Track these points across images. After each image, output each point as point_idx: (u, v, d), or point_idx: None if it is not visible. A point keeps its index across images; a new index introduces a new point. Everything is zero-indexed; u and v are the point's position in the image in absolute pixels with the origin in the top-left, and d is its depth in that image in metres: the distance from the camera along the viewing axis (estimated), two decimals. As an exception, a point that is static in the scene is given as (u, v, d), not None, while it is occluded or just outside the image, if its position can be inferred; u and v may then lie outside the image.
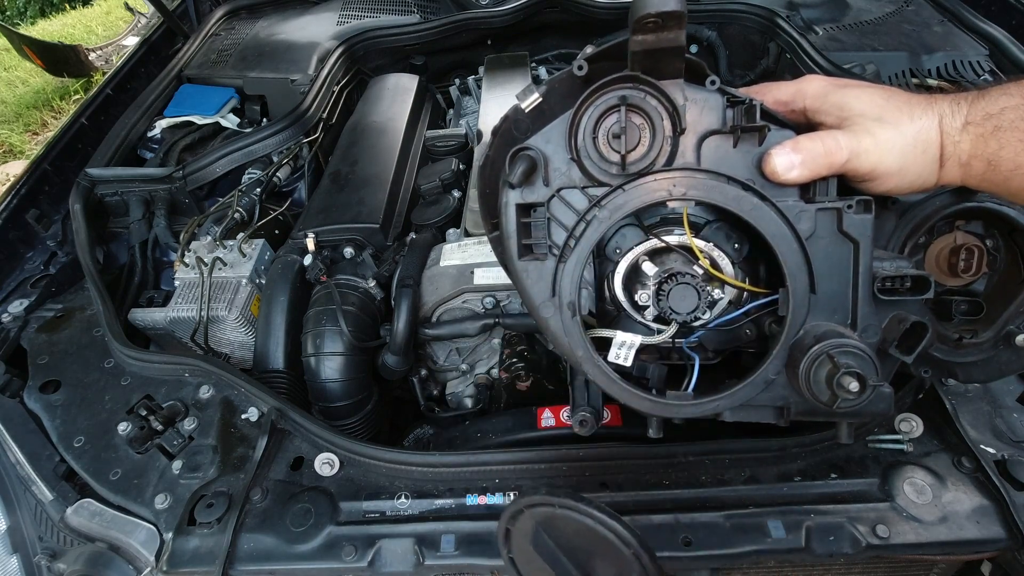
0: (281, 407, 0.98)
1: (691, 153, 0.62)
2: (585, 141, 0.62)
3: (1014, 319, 0.74)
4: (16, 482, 0.95)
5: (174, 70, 1.83)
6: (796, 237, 0.62)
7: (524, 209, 0.65)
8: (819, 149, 0.61)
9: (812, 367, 0.60)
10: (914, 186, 0.63)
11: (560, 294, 0.65)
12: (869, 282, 0.64)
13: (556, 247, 0.65)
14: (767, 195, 0.62)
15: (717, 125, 0.62)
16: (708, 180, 0.62)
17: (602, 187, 0.63)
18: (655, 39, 0.55)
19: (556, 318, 0.66)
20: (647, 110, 0.60)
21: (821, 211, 0.62)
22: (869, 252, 0.63)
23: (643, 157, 0.61)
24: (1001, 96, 0.59)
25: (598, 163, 0.62)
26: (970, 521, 0.80)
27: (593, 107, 0.60)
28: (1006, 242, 0.76)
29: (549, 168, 0.64)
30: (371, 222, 1.32)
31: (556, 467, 0.90)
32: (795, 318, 0.63)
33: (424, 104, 1.92)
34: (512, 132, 0.68)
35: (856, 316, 0.64)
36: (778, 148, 0.61)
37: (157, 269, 1.46)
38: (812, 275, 0.63)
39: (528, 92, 0.65)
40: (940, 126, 0.61)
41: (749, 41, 1.94)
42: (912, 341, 0.63)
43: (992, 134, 0.59)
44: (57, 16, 7.10)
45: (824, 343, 0.60)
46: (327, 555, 0.83)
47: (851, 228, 0.62)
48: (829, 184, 0.62)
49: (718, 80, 0.61)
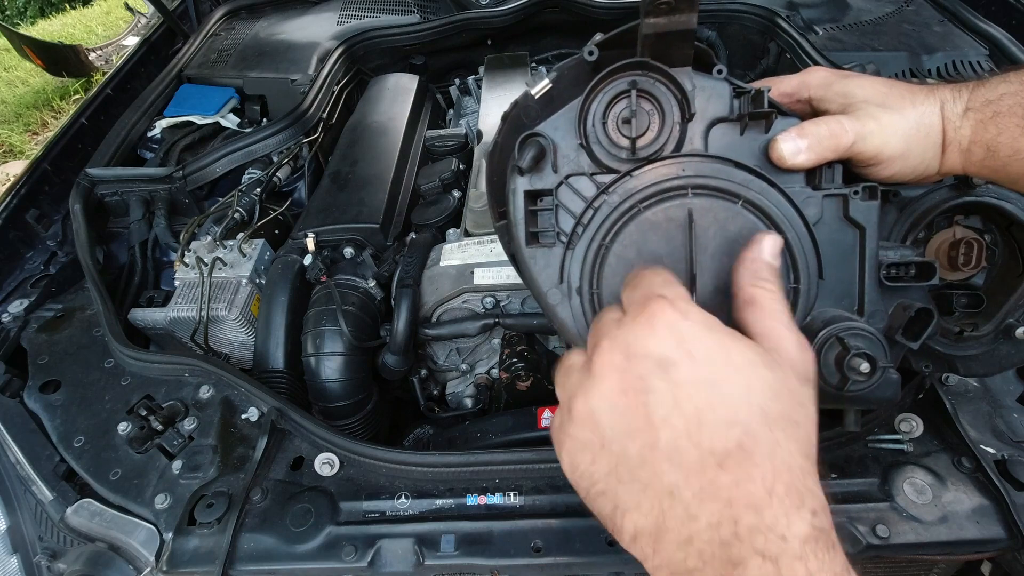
0: (281, 407, 0.98)
1: (699, 140, 0.63)
2: (595, 126, 0.62)
3: (1014, 312, 0.75)
4: (16, 482, 0.94)
5: (174, 70, 1.83)
6: (804, 222, 0.63)
7: (532, 197, 0.65)
8: (824, 132, 0.61)
9: (822, 350, 0.60)
10: (917, 171, 0.64)
11: (568, 281, 0.65)
12: (875, 268, 0.64)
13: (564, 234, 0.65)
14: (774, 181, 0.62)
15: (724, 113, 0.62)
16: (717, 164, 0.62)
17: (610, 174, 0.64)
18: (667, 22, 0.55)
19: (564, 305, 0.66)
20: (657, 96, 0.60)
21: (827, 197, 0.63)
22: (875, 238, 0.63)
23: (652, 143, 0.62)
24: (1000, 83, 0.60)
25: (608, 148, 0.62)
26: (970, 521, 0.80)
27: (603, 93, 0.61)
28: (1004, 236, 0.76)
29: (558, 155, 0.64)
30: (371, 222, 1.32)
31: (556, 467, 0.90)
32: (804, 303, 0.63)
33: (424, 104, 1.92)
34: (521, 118, 0.68)
35: (863, 302, 0.64)
36: (783, 134, 0.61)
37: (157, 269, 1.46)
38: (820, 260, 0.63)
39: (538, 78, 0.65)
40: (942, 112, 0.61)
41: (749, 41, 1.94)
42: (918, 328, 0.63)
43: (991, 120, 0.59)
44: (57, 16, 7.11)
45: (833, 326, 0.60)
46: (327, 555, 0.83)
47: (857, 214, 0.63)
48: (835, 170, 0.63)
49: (724, 69, 0.61)
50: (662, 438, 0.45)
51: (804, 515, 0.41)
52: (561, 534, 0.83)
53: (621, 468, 0.46)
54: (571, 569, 0.83)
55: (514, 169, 0.65)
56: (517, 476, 0.90)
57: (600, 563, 0.81)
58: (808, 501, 0.42)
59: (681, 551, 0.42)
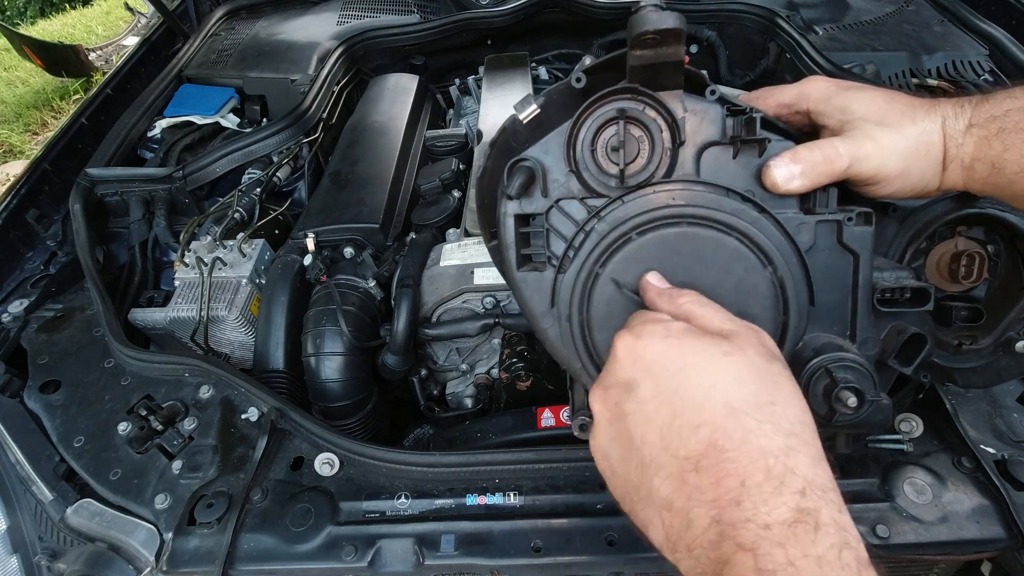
0: (281, 407, 0.98)
1: (690, 164, 0.62)
2: (583, 153, 0.61)
3: (1014, 325, 0.74)
4: (16, 482, 0.94)
5: (174, 70, 1.83)
6: (796, 250, 0.62)
7: (522, 219, 0.65)
8: (818, 158, 0.60)
9: (810, 381, 0.60)
10: (916, 189, 0.63)
11: (559, 305, 0.65)
12: (869, 294, 0.63)
13: (555, 258, 0.64)
14: (766, 207, 0.62)
15: (717, 136, 0.61)
16: (707, 192, 0.61)
17: (601, 198, 0.63)
18: (654, 55, 0.55)
19: (555, 329, 0.65)
20: (646, 122, 0.60)
21: (821, 223, 0.62)
22: (869, 264, 0.63)
23: (642, 169, 0.61)
24: (1006, 99, 0.59)
25: (597, 176, 0.62)
26: (970, 521, 0.80)
27: (591, 119, 0.60)
28: (1007, 248, 0.76)
29: (548, 179, 0.63)
30: (371, 222, 1.32)
31: (556, 467, 0.90)
32: (794, 331, 0.63)
33: (424, 104, 1.92)
34: (510, 143, 0.67)
35: (855, 328, 0.64)
36: (776, 159, 0.60)
37: (157, 269, 1.46)
38: (811, 288, 0.62)
39: (526, 103, 0.64)
40: (943, 128, 0.61)
41: (749, 41, 1.94)
42: (911, 352, 0.63)
43: (996, 136, 0.58)
44: (57, 16, 7.10)
45: (822, 357, 0.59)
46: (327, 555, 0.83)
47: (851, 240, 0.62)
48: (829, 195, 0.62)
49: (718, 90, 0.60)
50: (645, 455, 0.47)
51: (785, 498, 0.41)
52: (561, 534, 0.83)
53: (630, 491, 0.49)
54: (571, 569, 0.83)
55: (503, 195, 0.64)
56: (517, 476, 0.90)
57: (600, 563, 0.81)
58: (790, 482, 0.41)
59: (691, 559, 0.43)
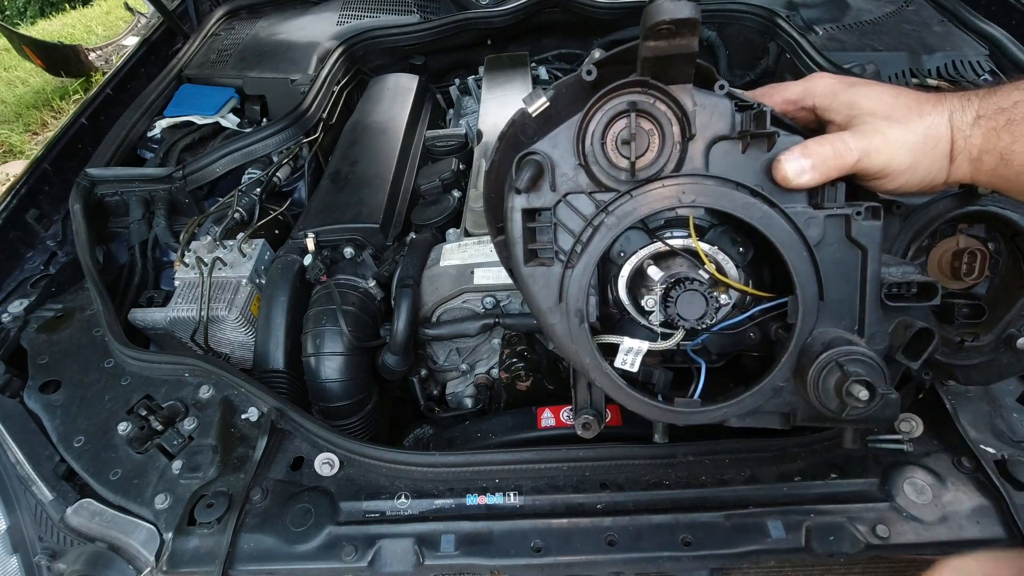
0: (281, 407, 0.98)
1: (700, 158, 0.62)
2: (593, 146, 0.61)
3: (1015, 322, 0.74)
4: (16, 482, 0.94)
5: (174, 70, 1.83)
6: (805, 244, 0.62)
7: (530, 214, 0.65)
8: (828, 152, 0.60)
9: (821, 375, 0.59)
10: (924, 183, 0.63)
11: (567, 301, 0.64)
12: (877, 288, 0.63)
13: (563, 253, 0.64)
14: (776, 201, 0.62)
15: (726, 131, 0.61)
16: (717, 186, 0.61)
17: (609, 192, 0.63)
18: (668, 45, 0.55)
19: (563, 325, 0.65)
20: (656, 116, 0.59)
21: (830, 218, 0.62)
22: (877, 259, 0.63)
23: (652, 163, 0.61)
24: (1014, 91, 0.59)
25: (607, 169, 0.61)
26: (970, 521, 0.80)
27: (602, 112, 0.60)
28: (1008, 246, 0.76)
29: (556, 173, 0.63)
30: (371, 222, 1.32)
31: (556, 467, 0.90)
32: (804, 325, 0.63)
33: (424, 104, 1.92)
34: (518, 136, 0.67)
35: (863, 322, 0.64)
36: (787, 153, 0.60)
37: (157, 269, 1.46)
38: (821, 282, 0.63)
39: (535, 96, 0.64)
40: (950, 121, 0.61)
41: (749, 41, 1.94)
42: (918, 347, 0.63)
43: (1005, 127, 0.58)
44: (57, 16, 7.10)
45: (833, 351, 0.59)
46: (327, 555, 0.83)
47: (860, 235, 0.62)
48: (838, 189, 0.62)
49: (727, 85, 0.60)
50: None
51: None
52: (561, 534, 0.83)
53: None
54: (571, 569, 0.83)
55: (511, 188, 0.64)
56: (517, 476, 0.90)
57: (600, 563, 0.81)
58: None
59: None
